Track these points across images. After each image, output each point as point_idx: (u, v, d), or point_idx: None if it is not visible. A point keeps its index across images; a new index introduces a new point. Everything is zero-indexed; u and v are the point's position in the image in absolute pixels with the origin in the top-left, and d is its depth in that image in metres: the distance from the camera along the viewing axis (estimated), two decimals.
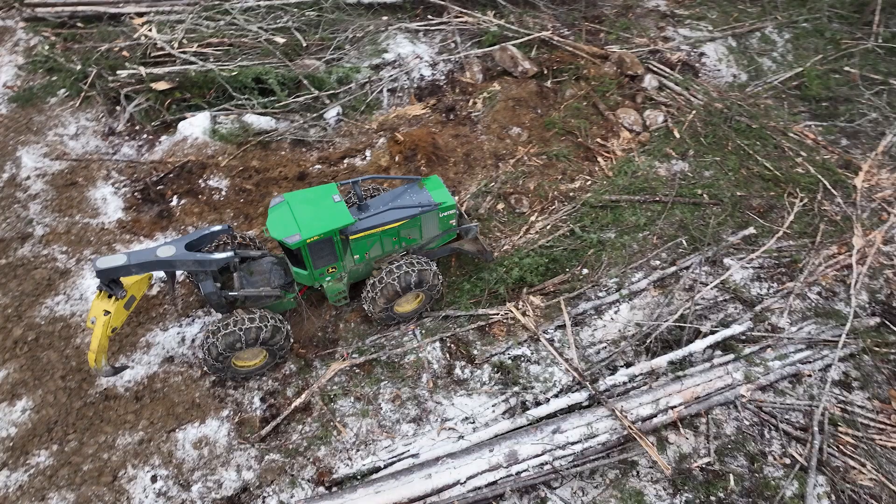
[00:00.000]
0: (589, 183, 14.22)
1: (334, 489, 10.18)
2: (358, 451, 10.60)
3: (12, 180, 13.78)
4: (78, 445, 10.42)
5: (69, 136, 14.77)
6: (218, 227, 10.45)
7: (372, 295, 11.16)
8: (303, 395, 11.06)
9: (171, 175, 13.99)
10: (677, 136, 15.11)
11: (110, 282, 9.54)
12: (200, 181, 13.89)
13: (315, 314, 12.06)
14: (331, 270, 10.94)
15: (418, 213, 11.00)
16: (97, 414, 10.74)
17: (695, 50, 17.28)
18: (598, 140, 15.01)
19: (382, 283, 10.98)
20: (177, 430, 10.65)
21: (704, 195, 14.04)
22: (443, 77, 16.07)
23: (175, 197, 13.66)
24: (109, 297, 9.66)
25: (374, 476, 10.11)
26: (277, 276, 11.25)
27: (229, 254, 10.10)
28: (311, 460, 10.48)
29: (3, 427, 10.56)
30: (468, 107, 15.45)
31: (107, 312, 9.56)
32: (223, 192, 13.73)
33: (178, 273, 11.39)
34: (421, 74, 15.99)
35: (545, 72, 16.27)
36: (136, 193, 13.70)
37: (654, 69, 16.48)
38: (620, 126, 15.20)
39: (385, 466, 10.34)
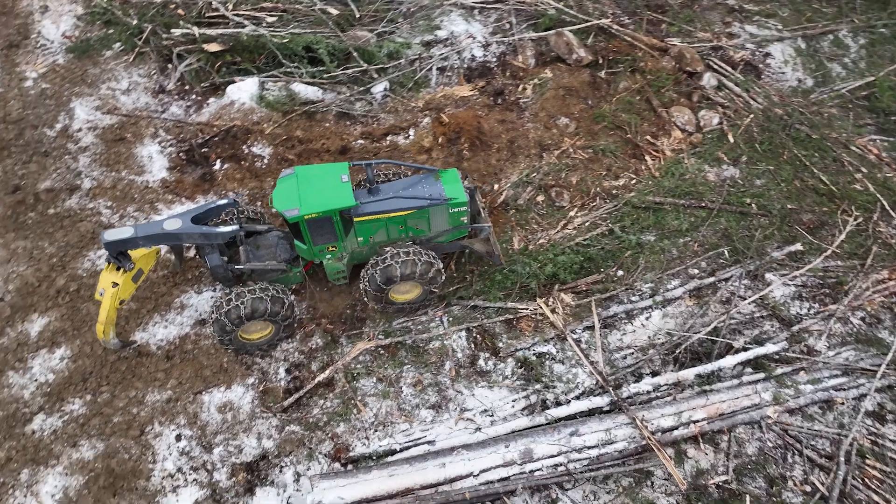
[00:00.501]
0: (633, 182, 13.92)
1: (349, 467, 10.44)
2: (376, 431, 10.81)
3: (65, 131, 14.17)
4: (110, 397, 10.87)
5: (121, 90, 15.07)
6: (224, 201, 10.56)
7: (364, 299, 11.51)
8: (327, 371, 11.29)
9: (216, 138, 14.20)
10: (731, 140, 14.62)
11: (118, 254, 9.76)
12: (244, 147, 14.06)
13: (346, 291, 12.20)
14: (331, 249, 11.01)
15: (426, 205, 10.85)
16: (129, 369, 11.16)
17: (760, 49, 16.57)
18: (648, 137, 14.63)
19: (363, 287, 11.21)
20: (203, 393, 11.02)
21: (753, 205, 13.62)
22: (494, 59, 15.79)
23: (218, 161, 13.88)
24: (118, 269, 9.89)
25: (389, 459, 10.32)
26: (283, 251, 11.35)
27: (234, 227, 10.26)
28: (329, 436, 10.74)
29: (43, 373, 11.07)
30: (517, 92, 15.19)
31: (115, 284, 9.81)
32: (265, 160, 13.88)
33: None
34: (472, 55, 15.75)
35: (600, 61, 15.84)
36: (181, 154, 13.96)
37: (715, 67, 15.89)
38: (673, 125, 14.77)
39: (401, 450, 10.54)
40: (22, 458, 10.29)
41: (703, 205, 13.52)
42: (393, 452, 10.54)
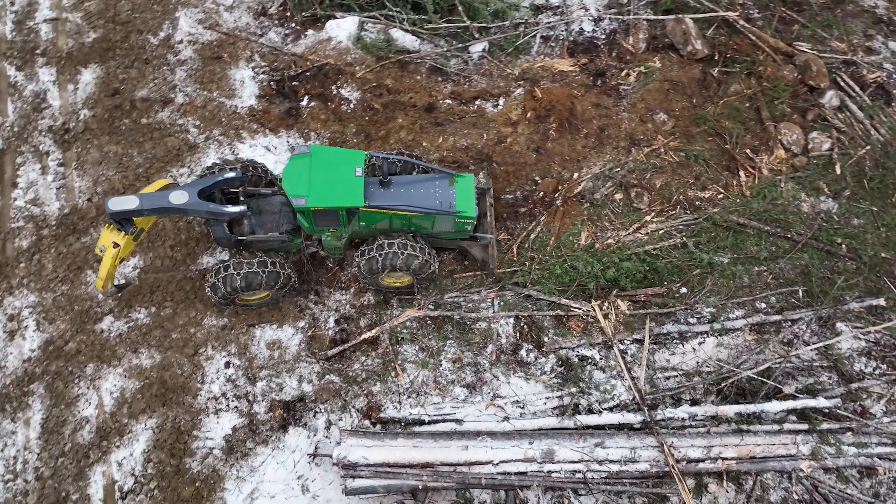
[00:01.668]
0: (721, 197, 13.37)
1: (378, 427, 11.03)
2: (409, 397, 11.32)
3: (167, 41, 14.57)
4: (171, 314, 11.70)
5: (225, 6, 15.25)
6: (231, 174, 10.54)
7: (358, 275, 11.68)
8: (374, 330, 11.75)
9: (308, 73, 14.34)
10: (838, 170, 13.72)
11: (122, 219, 9.96)
12: (333, 87, 14.16)
13: None
14: (331, 230, 11.12)
15: (434, 213, 10.80)
16: (193, 290, 11.91)
17: None
18: (748, 151, 13.88)
19: (356, 270, 11.57)
20: (256, 327, 11.71)
21: (843, 246, 12.93)
22: (603, 36, 15.07)
23: (306, 97, 14.07)
24: (119, 230, 10.10)
25: (416, 429, 10.83)
26: (286, 220, 11.33)
27: (242, 208, 10.37)
28: (365, 392, 11.33)
29: (117, 278, 11.95)
30: (619, 77, 14.56)
31: (116, 245, 10.05)
32: (351, 105, 13.98)
33: None
34: (581, 27, 15.06)
35: (716, 57, 14.88)
36: (272, 83, 14.20)
37: (842, 85, 14.68)
38: (778, 142, 13.92)
39: (429, 422, 11.04)
40: (89, 352, 11.33)
41: (789, 236, 12.92)
42: (421, 423, 11.05)
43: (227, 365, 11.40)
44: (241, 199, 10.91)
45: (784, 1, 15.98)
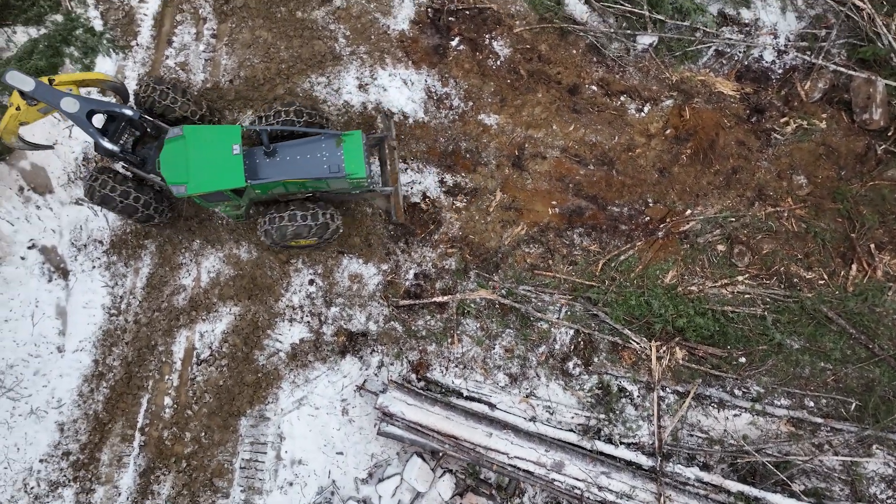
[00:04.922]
0: (821, 283, 13.56)
1: (422, 383, 12.68)
2: (456, 367, 12.89)
3: None
4: None
5: None
6: (129, 112, 10.93)
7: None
8: (446, 296, 13.06)
9: (467, 12, 14.46)
10: None
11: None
12: (487, 36, 14.34)
13: (498, 233, 13.33)
14: (226, 202, 11.75)
15: (323, 178, 11.38)
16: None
17: None
18: (872, 245, 13.78)
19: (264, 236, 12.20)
20: (345, 256, 13.13)
21: None
22: (780, 71, 14.48)
23: (458, 38, 14.32)
24: (23, 98, 10.52)
25: (453, 401, 12.48)
26: None
27: (115, 148, 10.86)
28: (420, 348, 12.92)
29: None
30: (777, 121, 14.16)
31: (18, 108, 10.59)
32: (498, 63, 14.27)
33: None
34: (760, 55, 14.38)
35: (891, 133, 14.18)
36: (429, 11, 14.41)
37: None
38: None
39: (466, 397, 12.63)
40: (200, 231, 13.11)
41: (871, 346, 13.25)
42: (459, 394, 12.71)
43: (311, 282, 13.02)
44: (149, 130, 11.51)
45: None
